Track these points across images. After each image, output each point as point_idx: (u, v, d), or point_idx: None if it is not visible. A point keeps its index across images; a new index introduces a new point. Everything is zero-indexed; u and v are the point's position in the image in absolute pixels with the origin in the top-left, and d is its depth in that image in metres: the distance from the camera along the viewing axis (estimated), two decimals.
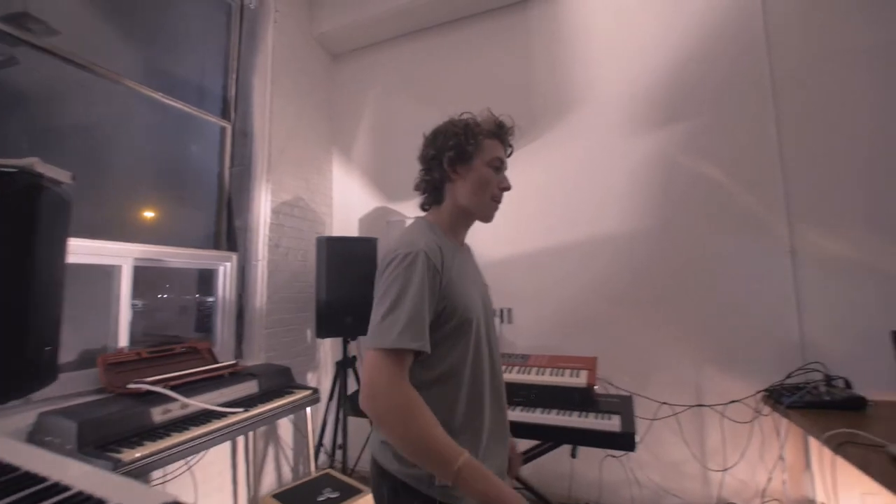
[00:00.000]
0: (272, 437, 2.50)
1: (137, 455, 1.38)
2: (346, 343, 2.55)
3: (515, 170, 2.74)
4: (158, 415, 1.61)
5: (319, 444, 2.52)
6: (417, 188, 1.09)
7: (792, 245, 2.06)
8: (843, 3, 2.05)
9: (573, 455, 1.90)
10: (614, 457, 2.22)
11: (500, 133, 1.08)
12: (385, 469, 0.90)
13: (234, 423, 1.72)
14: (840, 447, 1.41)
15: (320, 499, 1.64)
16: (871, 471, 1.27)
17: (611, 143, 2.40)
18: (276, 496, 1.69)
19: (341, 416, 2.44)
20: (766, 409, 1.99)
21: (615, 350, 2.29)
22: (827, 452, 1.65)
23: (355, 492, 1.70)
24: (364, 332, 2.53)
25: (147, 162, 2.22)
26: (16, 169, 1.07)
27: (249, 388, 2.00)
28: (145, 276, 2.14)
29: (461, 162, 1.02)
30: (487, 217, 1.06)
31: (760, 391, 2.02)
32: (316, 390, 2.18)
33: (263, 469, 2.42)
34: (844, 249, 1.98)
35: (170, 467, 1.89)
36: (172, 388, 1.72)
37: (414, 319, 0.81)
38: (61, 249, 1.32)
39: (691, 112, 2.26)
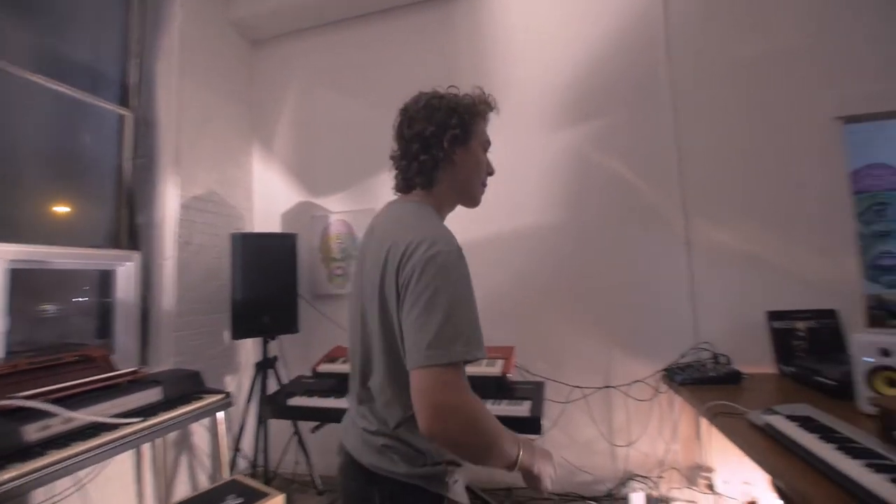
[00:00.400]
0: (185, 445, 2.36)
1: None
2: (265, 343, 2.46)
3: None
4: (34, 432, 1.46)
5: (236, 450, 2.42)
6: (402, 167, 0.95)
7: (687, 237, 2.25)
8: (735, 18, 2.26)
9: None
10: (531, 440, 2.32)
11: (489, 111, 1.02)
12: (381, 474, 0.83)
13: (129, 435, 1.60)
14: (715, 417, 1.57)
15: None
16: (733, 436, 1.43)
17: (530, 139, 2.49)
18: None
19: (259, 419, 2.35)
20: (664, 387, 2.17)
21: (533, 338, 2.39)
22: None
23: (261, 496, 1.65)
24: (283, 331, 2.47)
25: (34, 154, 1.99)
26: None
27: (152, 395, 1.87)
28: (42, 280, 1.94)
29: (462, 143, 0.94)
30: (477, 202, 1.02)
31: (659, 370, 2.20)
32: (228, 394, 2.08)
33: (176, 480, 2.29)
34: (730, 240, 2.20)
35: (57, 487, 1.73)
36: (54, 402, 1.57)
37: (475, 327, 0.75)
38: None
39: (601, 111, 2.40)
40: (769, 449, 1.25)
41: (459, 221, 2.66)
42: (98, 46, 2.27)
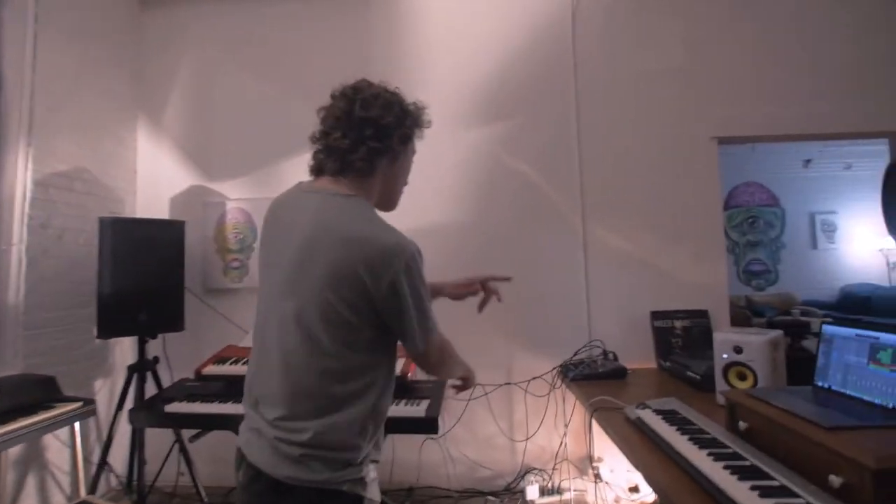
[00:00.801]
0: (36, 463, 2.03)
1: None
2: (142, 343, 2.19)
3: None
4: None
5: (103, 464, 2.12)
6: (343, 147, 0.88)
7: (585, 239, 2.37)
8: (636, 35, 2.42)
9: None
10: (433, 439, 2.32)
11: (423, 127, 1.03)
12: (298, 485, 0.80)
13: None
14: (596, 412, 1.66)
15: None
16: (610, 431, 1.51)
17: (440, 136, 2.45)
18: None
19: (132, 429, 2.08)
20: (559, 383, 2.27)
21: None
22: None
23: None
24: (164, 328, 2.21)
25: None
26: None
27: None
28: None
29: (405, 144, 0.97)
30: (394, 206, 1.04)
31: (556, 367, 2.30)
32: (88, 401, 1.82)
33: (20, 501, 1.95)
34: (622, 244, 2.36)
35: None
36: None
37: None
38: None
39: (511, 113, 2.46)
40: (639, 442, 1.33)
41: None
42: None
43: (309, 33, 2.59)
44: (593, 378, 2.03)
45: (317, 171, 0.96)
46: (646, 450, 1.26)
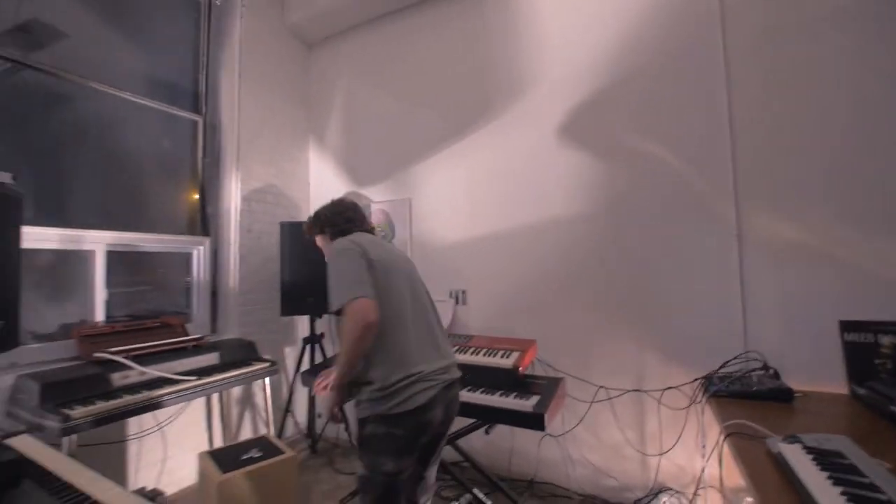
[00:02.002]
0: (248, 402, 2.76)
1: (86, 411, 1.62)
2: (312, 321, 2.73)
3: (468, 154, 2.75)
4: (118, 380, 1.86)
5: (287, 412, 2.75)
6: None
7: (739, 230, 1.95)
8: None
9: (486, 432, 1.98)
10: (552, 436, 2.27)
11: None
12: (362, 418, 1.33)
13: (185, 389, 1.95)
14: (728, 437, 1.39)
15: (244, 456, 1.84)
16: (740, 460, 1.26)
17: (557, 126, 2.35)
18: (209, 453, 1.91)
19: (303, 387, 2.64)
20: (702, 398, 1.95)
21: (559, 333, 2.30)
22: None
23: (278, 453, 1.89)
24: (325, 310, 2.72)
25: (127, 158, 2.45)
26: None
27: (210, 359, 2.23)
28: (137, 261, 2.41)
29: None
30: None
31: (698, 378, 1.98)
32: (274, 363, 2.38)
33: (240, 430, 2.69)
34: (793, 233, 1.86)
35: (144, 424, 2.17)
36: (134, 358, 1.97)
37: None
38: (12, 239, 1.54)
39: (639, 91, 2.16)
40: (775, 484, 1.08)
41: (487, 213, 2.63)
42: (177, 63, 2.66)
43: (428, 44, 2.77)
44: (743, 396, 1.69)
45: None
46: (778, 492, 1.02)
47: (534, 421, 1.76)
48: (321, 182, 3.23)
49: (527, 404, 1.81)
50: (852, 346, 1.72)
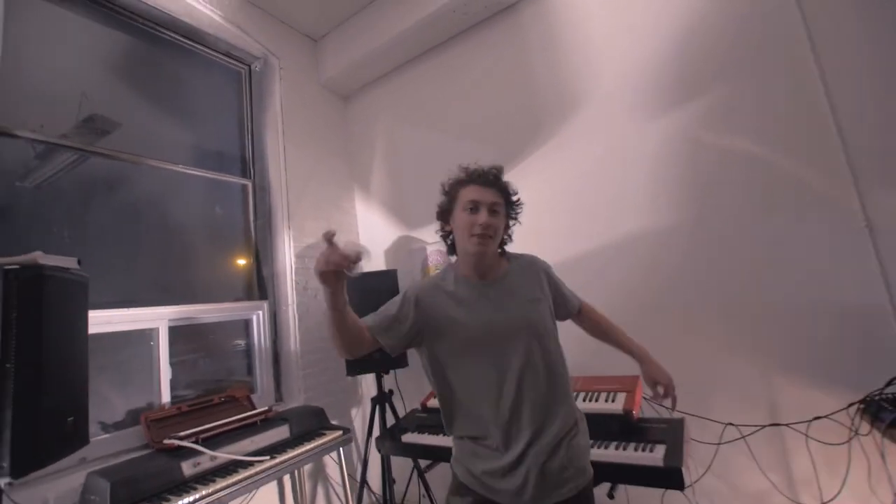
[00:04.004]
0: (320, 476, 2.54)
1: None
2: (379, 378, 2.54)
3: (523, 180, 2.58)
4: (189, 468, 1.70)
5: (363, 482, 2.51)
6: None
7: (867, 218, 1.66)
8: None
9: (610, 495, 1.66)
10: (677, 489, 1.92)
11: (470, 178, 1.24)
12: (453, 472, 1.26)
13: (260, 472, 1.77)
14: None
15: None
16: None
17: (623, 134, 2.17)
18: None
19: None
20: (865, 427, 1.59)
21: (664, 364, 2.00)
22: None
23: None
24: (393, 365, 2.53)
25: (181, 228, 2.43)
26: (18, 266, 1.21)
27: (281, 433, 2.05)
28: (196, 331, 2.32)
29: (447, 216, 1.28)
30: (473, 253, 1.20)
31: (854, 403, 1.63)
32: (347, 430, 2.18)
33: None
34: None
35: None
36: (204, 441, 1.82)
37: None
38: (79, 325, 1.46)
39: (712, 83, 1.96)
40: None
41: (555, 238, 2.42)
42: (223, 131, 2.70)
43: (469, 75, 2.70)
44: None
45: None
46: None
47: (669, 477, 1.46)
48: (370, 229, 3.14)
49: (655, 457, 1.51)
50: None
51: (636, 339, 2.01)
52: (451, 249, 1.32)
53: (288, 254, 2.59)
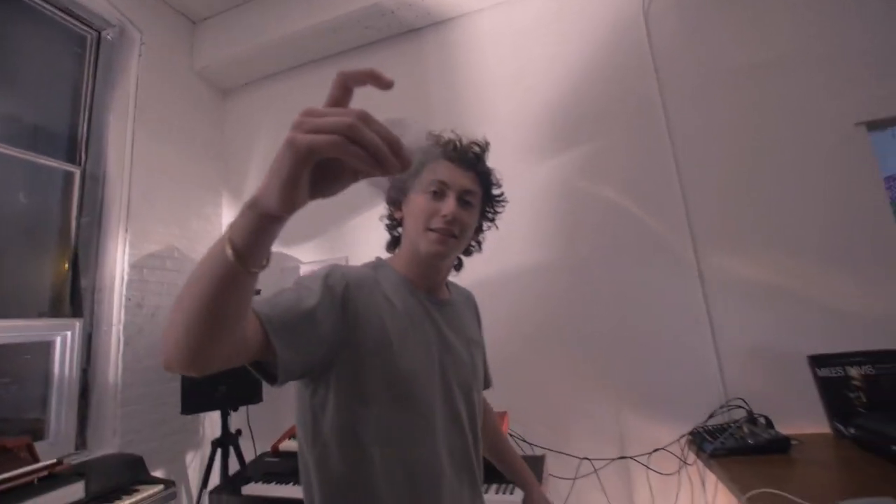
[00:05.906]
0: None
1: None
2: (224, 417, 2.15)
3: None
4: None
5: None
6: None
7: (700, 271, 1.92)
8: (721, 24, 2.04)
9: None
10: None
11: (442, 152, 0.86)
12: None
13: None
14: None
15: None
16: None
17: (511, 172, 2.24)
18: None
19: None
20: (692, 457, 1.77)
21: (529, 400, 2.04)
22: None
23: None
24: (243, 401, 2.17)
25: None
26: None
27: (71, 494, 1.57)
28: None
29: (400, 198, 0.89)
30: (426, 253, 0.82)
31: (684, 435, 1.81)
32: (171, 483, 1.77)
33: None
34: (750, 271, 1.86)
35: None
36: None
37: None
38: None
39: (589, 137, 2.16)
40: None
41: None
42: (46, 102, 2.16)
43: (366, 91, 2.61)
44: (742, 452, 1.54)
45: None
46: None
47: None
48: None
49: (514, 499, 1.47)
50: (826, 381, 1.69)
51: (514, 376, 2.02)
52: (393, 245, 0.94)
53: (120, 262, 2.11)
